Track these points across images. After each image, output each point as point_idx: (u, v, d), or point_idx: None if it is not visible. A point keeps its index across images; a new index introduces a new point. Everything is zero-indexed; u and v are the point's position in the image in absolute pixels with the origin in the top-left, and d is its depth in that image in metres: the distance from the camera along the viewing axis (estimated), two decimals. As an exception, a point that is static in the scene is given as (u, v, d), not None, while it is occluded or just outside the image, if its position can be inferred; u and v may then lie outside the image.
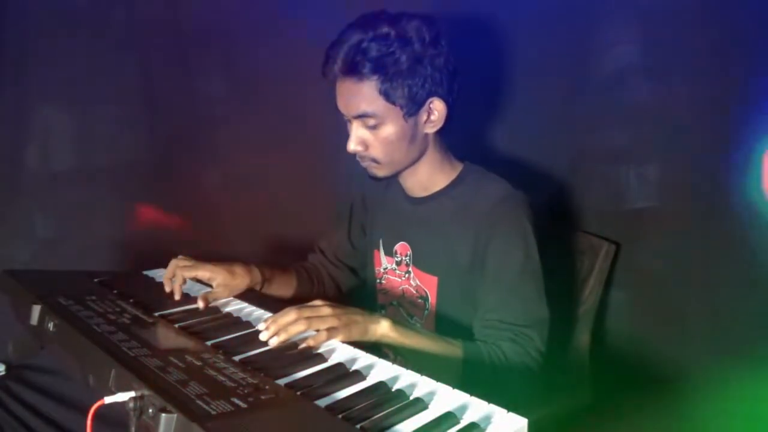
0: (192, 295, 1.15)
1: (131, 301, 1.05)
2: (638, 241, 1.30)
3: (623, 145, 1.31)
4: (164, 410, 0.63)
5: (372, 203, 1.34)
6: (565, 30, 1.36)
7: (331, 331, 0.91)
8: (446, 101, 1.09)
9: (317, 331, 0.91)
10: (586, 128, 1.37)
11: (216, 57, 1.81)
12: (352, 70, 1.04)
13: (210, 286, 1.18)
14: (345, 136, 1.13)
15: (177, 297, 1.13)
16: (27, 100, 1.68)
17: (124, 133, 1.79)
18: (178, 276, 1.15)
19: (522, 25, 1.41)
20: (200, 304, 1.09)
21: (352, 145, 1.10)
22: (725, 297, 1.18)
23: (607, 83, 1.32)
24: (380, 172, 1.14)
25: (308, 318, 0.92)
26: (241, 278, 1.19)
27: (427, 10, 1.09)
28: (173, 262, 1.17)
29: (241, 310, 1.09)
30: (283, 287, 1.32)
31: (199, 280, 1.20)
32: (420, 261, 1.20)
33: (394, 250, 1.25)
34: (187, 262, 1.17)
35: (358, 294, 1.41)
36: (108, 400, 0.67)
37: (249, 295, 1.19)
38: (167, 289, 1.15)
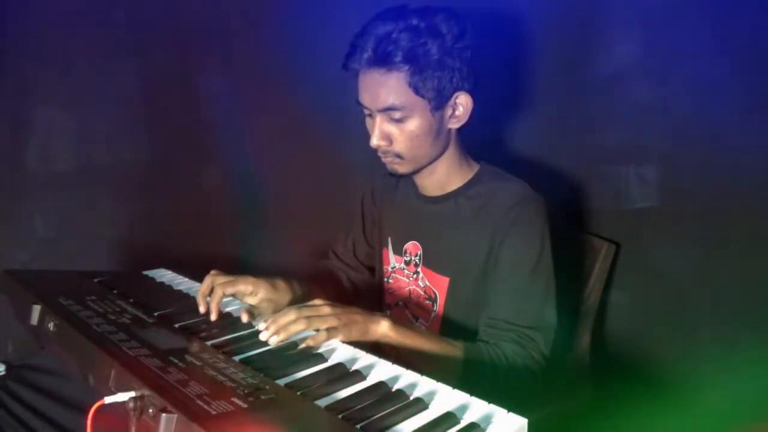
0: (192, 294, 1.15)
1: (131, 301, 1.05)
2: (638, 241, 1.30)
3: (623, 145, 1.31)
4: (164, 410, 0.63)
5: (381, 199, 1.32)
6: (565, 30, 1.36)
7: (331, 331, 0.91)
8: (472, 96, 1.08)
9: (317, 330, 0.91)
10: (586, 128, 1.37)
11: (216, 57, 1.82)
12: (383, 60, 1.02)
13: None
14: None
15: (213, 317, 1.02)
16: (27, 100, 1.68)
17: (124, 133, 1.79)
18: (217, 292, 1.04)
19: (522, 25, 1.41)
20: (244, 318, 1.01)
21: (376, 140, 1.08)
22: (725, 297, 1.18)
23: (608, 83, 1.32)
24: (402, 169, 1.13)
25: (308, 317, 0.92)
26: (284, 292, 1.11)
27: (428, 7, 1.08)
28: (209, 278, 1.07)
29: (241, 310, 1.09)
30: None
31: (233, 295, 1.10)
32: (431, 261, 1.19)
33: (403, 249, 1.24)
34: (224, 278, 1.06)
35: (366, 293, 1.40)
36: (108, 400, 0.67)
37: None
38: (202, 307, 1.04)
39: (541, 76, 1.41)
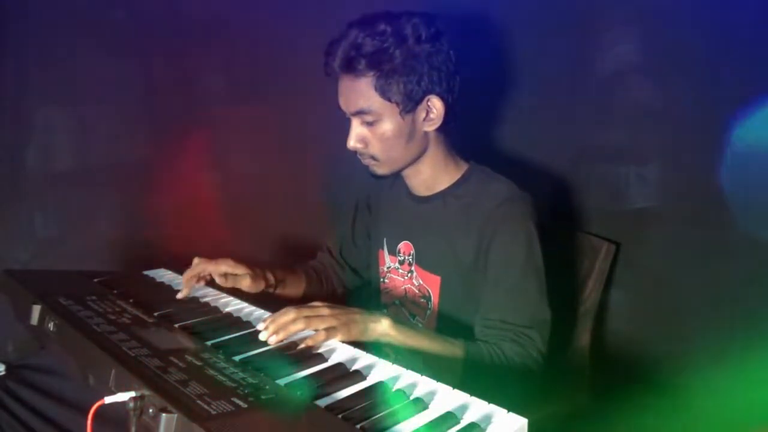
0: (193, 295, 1.15)
1: (131, 301, 1.05)
2: (638, 241, 1.30)
3: (623, 145, 1.31)
4: (164, 410, 0.63)
5: (377, 204, 1.34)
6: (565, 30, 1.36)
7: (330, 331, 0.91)
8: (444, 99, 1.09)
9: (316, 330, 0.91)
10: (587, 128, 1.37)
11: (216, 57, 1.81)
12: (349, 66, 1.05)
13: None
14: (345, 135, 1.13)
15: (185, 291, 1.14)
16: (27, 100, 1.68)
17: (123, 134, 1.79)
18: (196, 268, 1.16)
19: (523, 25, 1.41)
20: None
21: (352, 142, 1.11)
22: (725, 297, 1.18)
23: (608, 83, 1.32)
24: (380, 170, 1.14)
25: (307, 317, 0.92)
26: (261, 277, 1.22)
27: (428, 10, 1.08)
28: (196, 260, 1.18)
29: (241, 310, 1.09)
30: (293, 288, 1.34)
31: (210, 282, 1.21)
32: (423, 260, 1.20)
33: (397, 249, 1.24)
34: (207, 260, 1.18)
35: (364, 294, 1.41)
36: (108, 400, 0.67)
37: (249, 295, 1.19)
38: (185, 286, 1.15)
39: (541, 76, 1.41)
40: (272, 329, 0.90)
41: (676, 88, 1.22)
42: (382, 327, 0.96)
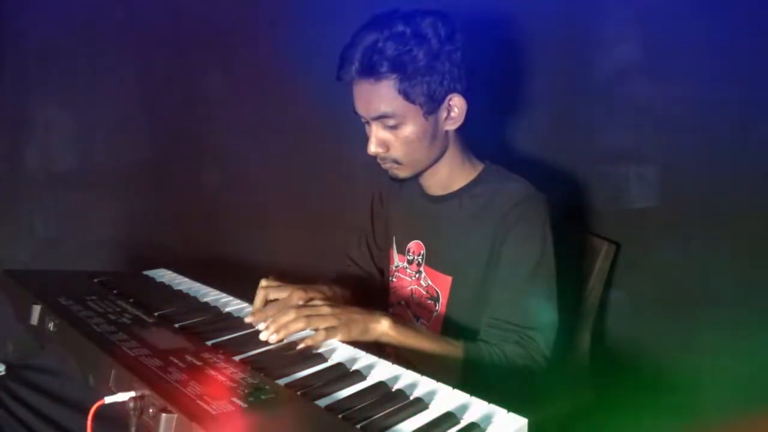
0: (192, 294, 1.15)
1: (131, 301, 1.05)
2: (638, 241, 1.30)
3: (623, 145, 1.31)
4: (164, 410, 0.63)
5: (388, 201, 1.33)
6: (565, 30, 1.36)
7: (330, 331, 0.91)
8: (465, 97, 1.08)
9: (316, 330, 0.91)
10: (587, 128, 1.37)
11: (216, 57, 1.82)
12: (370, 70, 1.02)
13: None
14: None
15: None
16: (27, 100, 1.68)
17: (124, 134, 1.79)
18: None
19: (522, 25, 1.41)
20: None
21: (373, 147, 1.08)
22: (725, 297, 1.18)
23: (608, 83, 1.32)
24: (402, 173, 1.13)
25: (307, 317, 0.92)
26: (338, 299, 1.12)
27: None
28: (263, 287, 1.06)
29: (241, 310, 1.09)
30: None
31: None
32: (434, 260, 1.19)
33: (407, 249, 1.24)
34: (273, 282, 1.07)
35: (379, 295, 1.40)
36: (108, 400, 0.67)
37: (249, 295, 1.18)
38: (254, 319, 1.00)
39: (541, 76, 1.41)
40: (273, 328, 0.90)
41: (676, 88, 1.22)
42: (382, 327, 0.96)
